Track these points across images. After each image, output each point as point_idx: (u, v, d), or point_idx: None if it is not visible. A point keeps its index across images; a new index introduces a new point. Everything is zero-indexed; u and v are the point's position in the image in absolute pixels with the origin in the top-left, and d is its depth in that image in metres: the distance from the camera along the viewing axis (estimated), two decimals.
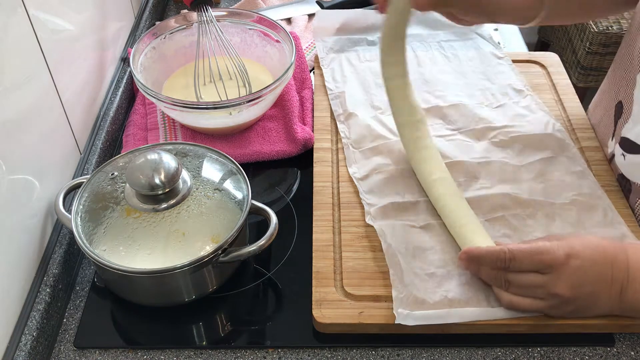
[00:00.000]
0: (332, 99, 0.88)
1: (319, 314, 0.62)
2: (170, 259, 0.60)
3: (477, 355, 0.62)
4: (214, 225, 0.63)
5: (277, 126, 0.86)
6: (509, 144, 0.79)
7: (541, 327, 0.62)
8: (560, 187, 0.74)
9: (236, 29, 0.92)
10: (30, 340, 0.59)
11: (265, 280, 0.69)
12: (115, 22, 0.96)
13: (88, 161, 0.79)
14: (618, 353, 0.63)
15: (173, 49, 0.91)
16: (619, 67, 0.77)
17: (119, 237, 0.61)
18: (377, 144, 0.80)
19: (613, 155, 0.76)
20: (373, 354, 0.63)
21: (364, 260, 0.67)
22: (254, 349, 0.63)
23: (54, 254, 0.67)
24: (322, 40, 0.98)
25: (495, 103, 0.87)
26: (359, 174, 0.76)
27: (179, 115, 0.82)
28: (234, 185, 0.67)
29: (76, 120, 0.78)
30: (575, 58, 1.89)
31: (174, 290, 0.64)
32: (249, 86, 0.86)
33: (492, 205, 0.71)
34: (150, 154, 0.63)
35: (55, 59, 0.71)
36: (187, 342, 0.64)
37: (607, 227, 0.69)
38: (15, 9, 0.63)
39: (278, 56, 0.90)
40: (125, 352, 0.63)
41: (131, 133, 0.86)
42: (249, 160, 0.82)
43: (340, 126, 0.84)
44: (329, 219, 0.71)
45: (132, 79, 0.94)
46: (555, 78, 0.92)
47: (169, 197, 0.63)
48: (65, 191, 0.68)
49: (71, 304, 0.67)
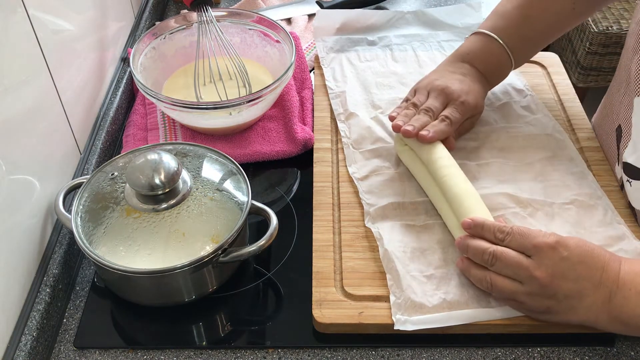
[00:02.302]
0: (332, 98, 0.88)
1: (319, 314, 0.62)
2: (170, 259, 0.60)
3: (477, 355, 0.62)
4: (214, 225, 0.63)
5: (277, 126, 0.86)
6: (509, 143, 0.79)
7: (541, 327, 0.62)
8: (560, 187, 0.73)
9: (236, 29, 0.92)
10: (30, 340, 0.59)
11: (265, 280, 0.69)
12: (115, 22, 0.96)
13: (88, 161, 0.79)
14: (618, 353, 0.63)
15: (173, 49, 0.91)
16: (617, 91, 0.76)
17: (119, 237, 0.61)
18: (377, 147, 0.80)
19: (621, 181, 0.74)
20: (373, 354, 0.63)
21: (364, 260, 0.67)
22: (254, 349, 0.63)
23: (54, 254, 0.67)
24: (322, 40, 0.98)
25: (496, 103, 0.87)
26: (359, 174, 0.76)
27: (179, 116, 0.82)
28: (234, 186, 0.67)
29: (76, 120, 0.78)
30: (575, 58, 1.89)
31: (174, 290, 0.64)
32: (249, 86, 0.86)
33: (492, 205, 0.71)
34: (150, 154, 0.63)
35: (55, 59, 0.71)
36: (187, 342, 0.64)
37: (607, 226, 0.69)
38: (15, 9, 0.63)
39: (278, 56, 0.90)
40: (125, 352, 0.63)
41: (131, 133, 0.86)
42: (249, 160, 0.82)
43: (340, 125, 0.84)
44: (329, 219, 0.71)
45: (132, 79, 0.94)
46: (555, 78, 0.92)
47: (169, 197, 0.63)
48: (65, 191, 0.68)
49: (71, 304, 0.67)
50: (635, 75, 0.70)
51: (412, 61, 0.95)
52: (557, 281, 0.57)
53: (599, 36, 1.76)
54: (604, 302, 0.57)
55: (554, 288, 0.57)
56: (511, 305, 0.61)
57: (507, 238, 0.59)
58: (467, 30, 1.00)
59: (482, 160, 0.77)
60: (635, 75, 0.70)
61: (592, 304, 0.57)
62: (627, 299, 0.56)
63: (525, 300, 0.59)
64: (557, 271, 0.57)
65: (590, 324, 0.58)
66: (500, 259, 0.59)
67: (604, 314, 0.57)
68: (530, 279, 0.57)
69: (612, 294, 0.57)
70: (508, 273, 0.59)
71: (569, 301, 0.57)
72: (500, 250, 0.59)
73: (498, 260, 0.59)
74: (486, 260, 0.60)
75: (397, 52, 0.96)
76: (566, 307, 0.58)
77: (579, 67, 1.87)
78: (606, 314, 0.57)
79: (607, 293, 0.57)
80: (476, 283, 0.62)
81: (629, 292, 0.56)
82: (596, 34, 1.76)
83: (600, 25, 1.77)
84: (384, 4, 1.14)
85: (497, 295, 0.61)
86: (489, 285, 0.60)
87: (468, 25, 1.01)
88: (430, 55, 0.96)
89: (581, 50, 1.84)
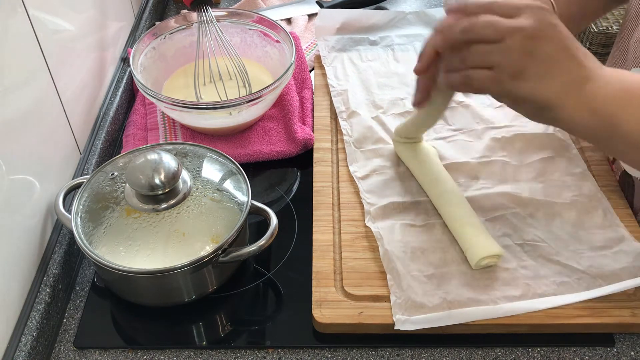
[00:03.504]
0: (334, 96, 0.88)
1: (319, 314, 0.62)
2: (170, 259, 0.60)
3: (477, 355, 0.62)
4: (214, 225, 0.63)
5: (277, 126, 0.86)
6: (510, 143, 0.79)
7: (541, 327, 0.62)
8: (560, 187, 0.74)
9: (236, 29, 0.92)
10: (30, 340, 0.59)
11: (265, 280, 0.69)
12: (115, 22, 0.96)
13: (88, 161, 0.79)
14: (618, 353, 0.63)
15: (173, 49, 0.91)
16: (614, 65, 0.76)
17: (119, 237, 0.61)
18: (378, 147, 0.80)
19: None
20: (373, 354, 0.63)
21: (364, 260, 0.67)
22: (254, 349, 0.63)
23: (54, 254, 0.67)
24: (324, 39, 0.98)
25: (497, 103, 0.86)
26: (360, 173, 0.76)
27: (179, 116, 0.82)
28: (234, 185, 0.67)
29: (76, 120, 0.78)
30: None
31: (174, 290, 0.64)
32: (249, 86, 0.86)
33: (492, 205, 0.71)
34: (150, 154, 0.63)
35: (55, 59, 0.71)
36: (187, 342, 0.64)
37: (607, 228, 0.69)
38: (15, 9, 0.63)
39: (278, 56, 0.90)
40: (125, 352, 0.63)
41: (131, 133, 0.86)
42: (249, 160, 0.82)
43: (342, 123, 0.84)
44: (329, 219, 0.71)
45: (132, 79, 0.94)
46: None
47: (169, 197, 0.63)
48: (65, 191, 0.68)
49: (71, 304, 0.67)
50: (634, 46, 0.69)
51: (413, 61, 0.94)
52: (542, 40, 0.51)
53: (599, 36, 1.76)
54: (579, 84, 0.52)
55: (537, 44, 0.51)
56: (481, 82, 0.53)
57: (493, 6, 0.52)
58: None
59: (484, 159, 0.77)
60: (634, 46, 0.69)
61: (567, 81, 0.52)
62: (603, 88, 0.53)
63: (500, 59, 0.51)
64: (544, 28, 0.51)
65: (557, 104, 0.53)
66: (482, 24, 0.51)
67: (574, 96, 0.52)
68: (514, 30, 0.50)
69: (589, 79, 0.52)
70: (488, 32, 0.51)
71: (546, 65, 0.51)
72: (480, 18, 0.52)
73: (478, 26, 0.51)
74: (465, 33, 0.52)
75: (399, 52, 0.96)
76: (542, 71, 0.51)
77: None
78: (576, 97, 0.52)
79: (586, 75, 0.52)
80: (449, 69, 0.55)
81: (607, 81, 0.53)
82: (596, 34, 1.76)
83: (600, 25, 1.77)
84: (384, 4, 1.14)
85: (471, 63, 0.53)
86: (463, 58, 0.53)
87: None
88: None
89: None
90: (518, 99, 0.54)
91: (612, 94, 0.52)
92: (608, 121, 0.53)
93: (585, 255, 0.66)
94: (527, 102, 0.54)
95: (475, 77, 0.53)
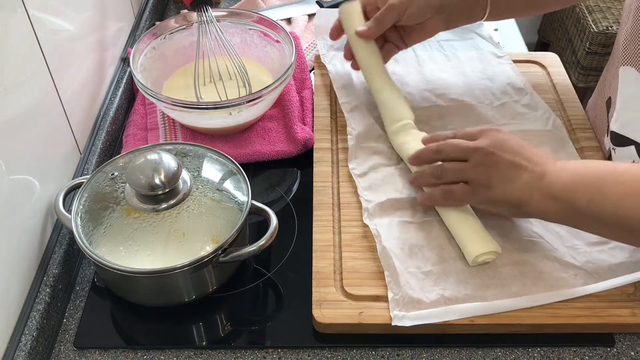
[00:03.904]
0: (337, 88, 0.88)
1: (319, 314, 0.62)
2: (170, 259, 0.60)
3: (477, 355, 0.62)
4: (214, 225, 0.63)
5: (277, 126, 0.86)
6: None
7: (541, 327, 0.62)
8: None
9: (236, 29, 0.92)
10: (30, 340, 0.59)
11: (265, 280, 0.69)
12: (115, 22, 0.96)
13: (88, 161, 0.79)
14: (618, 353, 0.63)
15: (173, 49, 0.91)
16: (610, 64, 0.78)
17: (119, 237, 0.61)
18: (378, 144, 0.80)
19: (609, 152, 0.76)
20: (373, 354, 0.63)
21: (364, 260, 0.67)
22: (254, 349, 0.63)
23: (54, 254, 0.67)
24: (323, 38, 0.98)
25: (496, 102, 0.87)
26: (358, 171, 0.76)
27: (179, 116, 0.82)
28: (234, 185, 0.67)
29: (76, 120, 0.78)
30: (575, 58, 1.89)
31: (174, 290, 0.64)
32: (249, 86, 0.86)
33: None
34: (150, 154, 0.63)
35: (55, 59, 0.71)
36: (187, 342, 0.64)
37: None
38: (15, 9, 0.63)
39: (278, 56, 0.90)
40: (125, 352, 0.63)
41: (131, 133, 0.86)
42: (249, 160, 0.82)
43: (346, 115, 0.83)
44: (329, 219, 0.71)
45: (132, 79, 0.94)
46: (555, 78, 0.92)
47: (169, 197, 0.63)
48: (65, 191, 0.69)
49: (71, 304, 0.67)
50: (622, 45, 0.71)
51: (412, 61, 0.95)
52: (499, 152, 0.63)
53: (599, 36, 1.77)
54: (538, 179, 0.62)
55: (496, 157, 0.63)
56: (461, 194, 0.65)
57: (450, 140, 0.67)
58: (467, 30, 1.00)
59: None
60: (623, 45, 0.71)
61: (528, 180, 0.62)
62: (558, 178, 0.61)
63: (471, 175, 0.64)
64: (498, 143, 0.63)
65: (526, 200, 0.62)
66: (449, 146, 0.66)
67: (537, 191, 0.61)
68: (475, 150, 0.64)
69: (545, 174, 0.62)
70: (456, 153, 0.65)
71: (508, 172, 0.62)
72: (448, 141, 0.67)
73: (446, 148, 0.66)
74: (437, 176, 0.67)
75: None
76: (506, 177, 0.62)
77: (579, 67, 1.87)
78: (539, 191, 0.61)
79: (541, 170, 0.62)
80: (427, 178, 0.69)
81: (560, 172, 0.62)
82: (596, 34, 1.76)
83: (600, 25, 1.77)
84: None
85: (446, 179, 0.66)
86: (439, 172, 0.66)
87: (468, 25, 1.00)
88: (430, 55, 0.96)
89: (581, 50, 1.84)
90: (494, 202, 0.64)
91: (565, 181, 0.61)
92: (569, 204, 0.60)
93: (581, 250, 0.67)
94: (502, 204, 0.64)
95: (455, 190, 0.65)
